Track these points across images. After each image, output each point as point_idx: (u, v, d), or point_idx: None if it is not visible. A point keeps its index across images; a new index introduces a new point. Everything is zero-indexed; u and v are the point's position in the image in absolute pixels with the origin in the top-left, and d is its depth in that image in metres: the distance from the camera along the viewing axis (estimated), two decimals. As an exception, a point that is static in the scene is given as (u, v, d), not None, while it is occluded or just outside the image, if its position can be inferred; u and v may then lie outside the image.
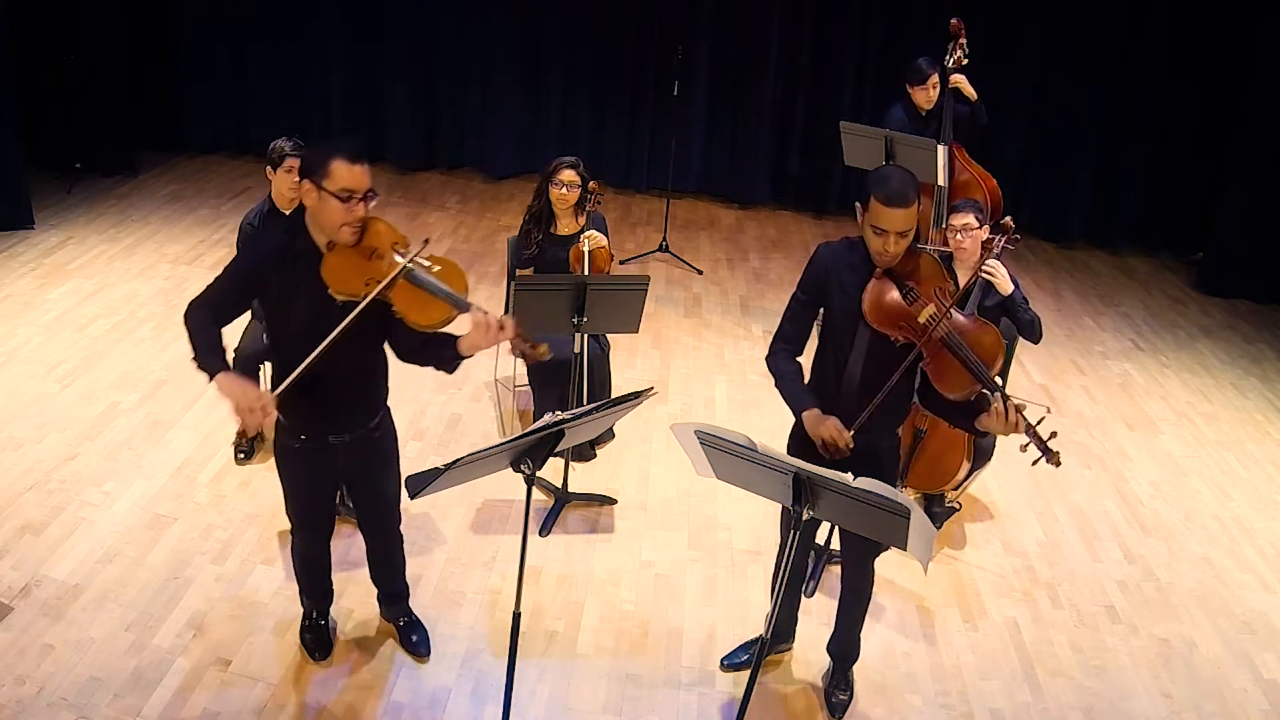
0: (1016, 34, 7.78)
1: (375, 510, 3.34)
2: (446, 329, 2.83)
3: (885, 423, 3.08)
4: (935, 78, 5.30)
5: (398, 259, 2.80)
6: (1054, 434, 2.87)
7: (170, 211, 7.36)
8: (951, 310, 2.90)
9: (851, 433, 2.97)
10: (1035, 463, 2.88)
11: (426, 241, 2.86)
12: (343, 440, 3.07)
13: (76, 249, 6.54)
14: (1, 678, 3.23)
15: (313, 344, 2.76)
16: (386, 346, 3.08)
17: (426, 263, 2.84)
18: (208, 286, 2.89)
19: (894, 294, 2.91)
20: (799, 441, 3.14)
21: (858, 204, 2.93)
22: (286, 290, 2.84)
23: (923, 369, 2.95)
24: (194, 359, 2.79)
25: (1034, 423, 2.84)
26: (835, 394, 3.03)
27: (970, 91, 5.23)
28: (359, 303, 2.77)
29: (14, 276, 6.07)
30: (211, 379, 2.74)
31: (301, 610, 3.53)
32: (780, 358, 3.18)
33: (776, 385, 3.17)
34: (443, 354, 2.92)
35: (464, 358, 2.91)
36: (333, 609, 3.58)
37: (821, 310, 3.13)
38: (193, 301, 2.87)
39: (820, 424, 2.97)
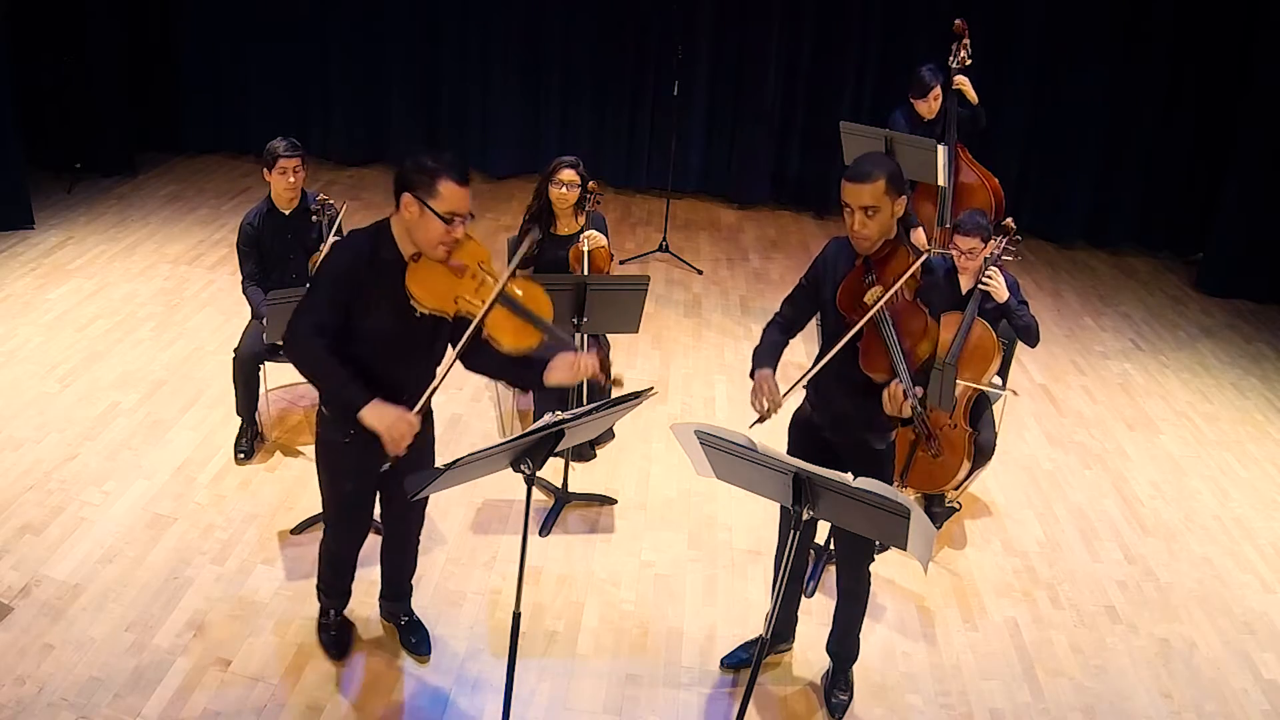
0: (1017, 34, 7.78)
1: (405, 504, 3.28)
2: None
3: (872, 419, 3.07)
4: (938, 90, 5.31)
5: (485, 279, 2.83)
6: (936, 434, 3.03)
7: (170, 211, 7.37)
8: (895, 291, 2.93)
9: (834, 428, 3.13)
10: (914, 441, 3.07)
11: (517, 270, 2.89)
12: None
13: (76, 249, 6.54)
14: (1, 678, 3.23)
15: (388, 355, 2.82)
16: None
17: (519, 290, 2.87)
18: (301, 311, 2.84)
19: (858, 279, 3.01)
20: (798, 429, 3.27)
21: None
22: (369, 298, 2.82)
23: (857, 346, 3.02)
24: (324, 397, 2.77)
25: (924, 412, 3.02)
26: (816, 385, 3.15)
27: (973, 95, 5.23)
28: (442, 316, 2.83)
29: (14, 276, 6.07)
30: (358, 411, 2.74)
31: (318, 608, 3.52)
32: (771, 328, 3.30)
33: (755, 348, 3.28)
34: (525, 375, 2.98)
35: (545, 386, 2.93)
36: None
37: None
38: (294, 331, 2.81)
39: (765, 383, 3.08)
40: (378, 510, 3.41)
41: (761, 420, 3.03)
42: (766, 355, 3.21)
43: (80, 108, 7.58)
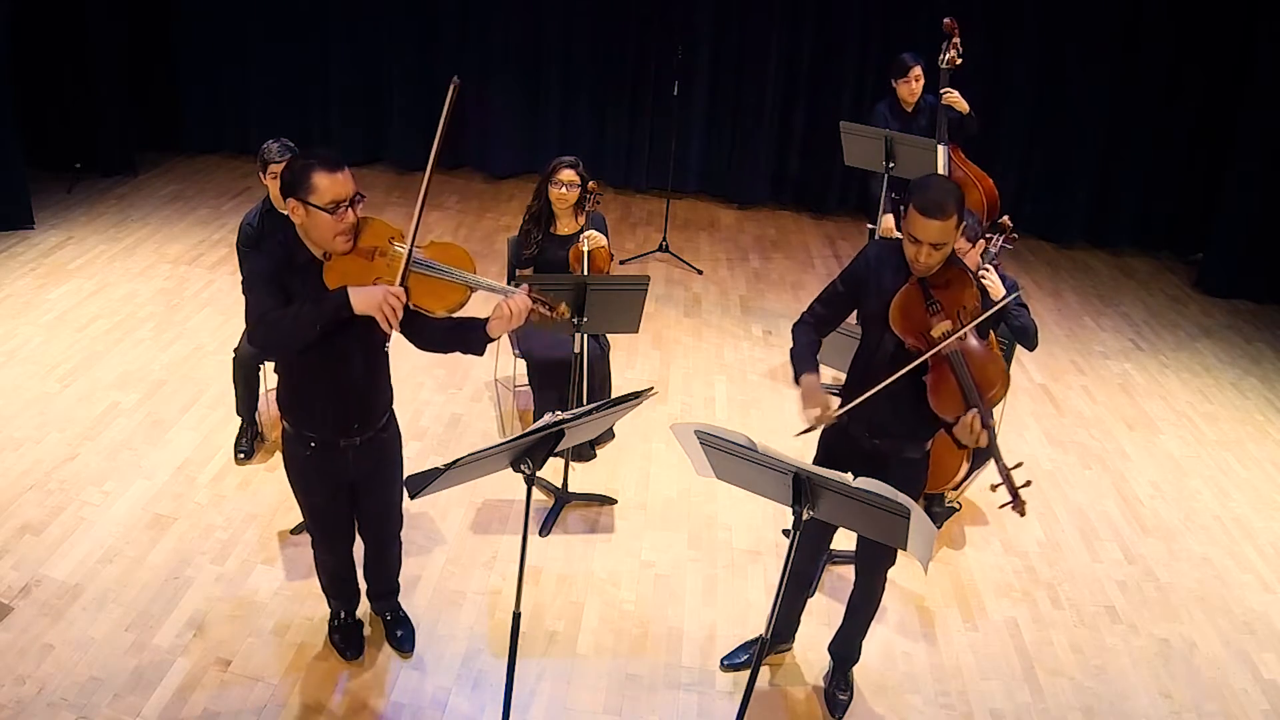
0: (1017, 33, 7.78)
1: (377, 511, 3.33)
2: (462, 311, 2.84)
3: (912, 431, 3.06)
4: (918, 70, 5.31)
5: (398, 251, 2.78)
6: (1028, 483, 2.89)
7: (170, 211, 7.37)
8: (966, 332, 2.87)
9: (872, 437, 3.02)
10: (1001, 506, 2.89)
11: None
12: (353, 443, 3.06)
13: (76, 249, 6.54)
14: (1, 678, 3.24)
15: (323, 354, 2.78)
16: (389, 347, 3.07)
17: (433, 252, 2.84)
18: (250, 310, 2.84)
19: (919, 303, 2.91)
20: (831, 436, 3.20)
21: (903, 206, 2.93)
22: (293, 301, 2.79)
23: (923, 380, 2.93)
24: (310, 327, 2.72)
25: (1009, 465, 2.87)
26: (861, 392, 3.01)
27: (963, 105, 5.22)
28: None
29: (14, 276, 6.07)
30: (347, 306, 2.69)
31: (329, 611, 3.53)
32: (803, 328, 3.18)
33: (790, 350, 3.18)
34: (469, 337, 2.93)
35: (492, 339, 2.91)
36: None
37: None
38: (252, 331, 2.83)
39: (814, 392, 2.97)
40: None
41: (810, 430, 2.95)
42: (808, 359, 3.09)
43: (80, 108, 7.58)
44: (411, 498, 2.63)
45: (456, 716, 3.29)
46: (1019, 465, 2.92)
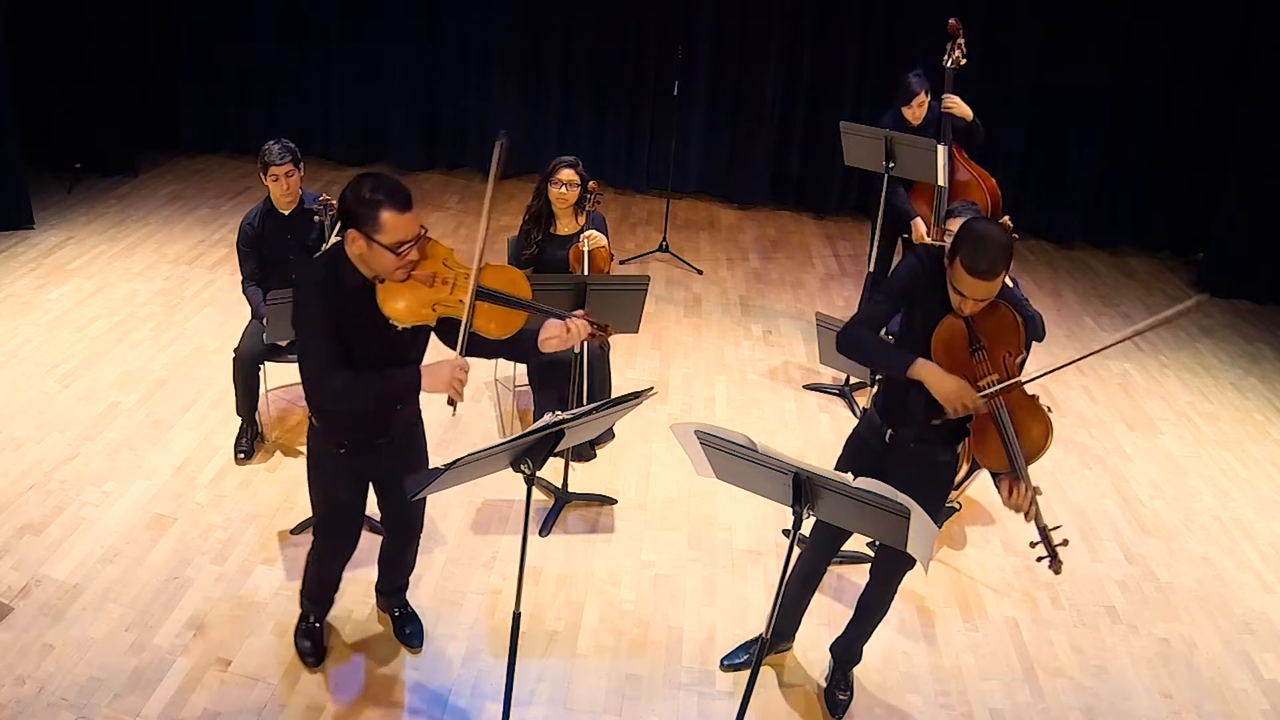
0: (1017, 33, 7.78)
1: (403, 506, 3.28)
2: None
3: (948, 437, 3.04)
4: (922, 96, 5.28)
5: (458, 279, 2.78)
6: (1065, 542, 2.85)
7: (170, 211, 7.37)
8: (1010, 386, 2.82)
9: (911, 445, 2.99)
10: (1039, 560, 2.86)
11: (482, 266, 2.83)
12: (388, 440, 3.05)
13: (76, 249, 6.54)
14: (1, 678, 3.23)
15: (375, 367, 2.77)
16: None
17: (494, 279, 2.85)
18: (307, 363, 2.80)
19: (963, 344, 2.85)
20: (858, 441, 3.18)
21: (949, 256, 2.79)
22: (348, 326, 2.76)
23: (966, 427, 2.90)
24: (385, 398, 2.78)
25: (1048, 526, 2.84)
26: (903, 400, 2.97)
27: (965, 111, 5.19)
28: (426, 326, 2.82)
29: (14, 276, 6.07)
30: (419, 387, 2.75)
31: (300, 612, 3.51)
32: (861, 328, 3.04)
33: (859, 352, 3.06)
34: (519, 349, 2.96)
35: (544, 354, 2.92)
36: (333, 609, 3.58)
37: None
38: (319, 387, 2.81)
39: (947, 377, 2.82)
40: (375, 512, 3.40)
41: (948, 419, 2.85)
42: (904, 350, 2.94)
43: (80, 108, 7.58)
44: (411, 498, 2.63)
45: (456, 716, 3.29)
46: (1058, 527, 2.89)
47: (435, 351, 2.96)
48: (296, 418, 4.87)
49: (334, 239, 4.16)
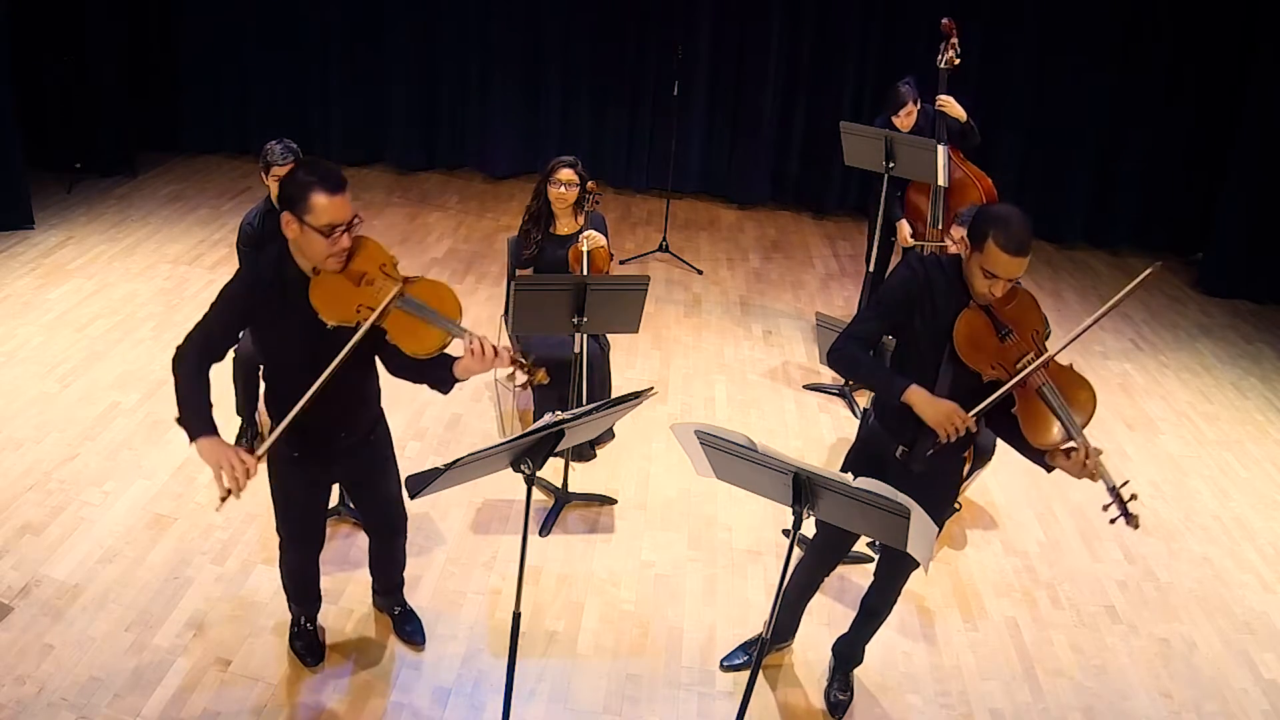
0: (1017, 33, 7.78)
1: (377, 509, 3.32)
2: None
3: (956, 448, 3.01)
4: (911, 105, 5.26)
5: (386, 282, 2.72)
6: (1134, 496, 2.78)
7: (170, 211, 7.37)
8: (1048, 359, 2.80)
9: (929, 453, 2.91)
10: (1113, 521, 2.79)
11: (406, 279, 2.76)
12: (340, 447, 3.05)
13: (76, 249, 6.54)
14: (1, 678, 3.23)
15: (306, 371, 2.70)
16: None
17: (420, 290, 2.75)
18: (196, 326, 2.79)
19: (989, 332, 2.81)
20: (864, 446, 3.14)
21: (963, 235, 2.77)
22: (277, 318, 2.77)
23: (1013, 413, 2.83)
24: (178, 415, 2.73)
25: (1117, 484, 2.77)
26: (912, 416, 2.86)
27: (959, 112, 5.17)
28: (351, 328, 2.70)
29: (14, 276, 6.07)
30: (192, 441, 2.69)
31: (290, 616, 3.51)
32: (854, 345, 2.96)
33: (853, 371, 3.01)
34: (438, 374, 2.85)
35: (458, 380, 2.85)
36: (333, 609, 3.58)
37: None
38: (180, 347, 2.78)
39: (938, 402, 2.80)
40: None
41: (940, 445, 2.81)
42: (897, 374, 2.89)
43: (80, 108, 7.58)
44: (411, 498, 2.62)
45: (456, 716, 3.29)
46: (1126, 483, 2.81)
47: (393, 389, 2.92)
48: (296, 418, 4.87)
49: None
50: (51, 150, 7.55)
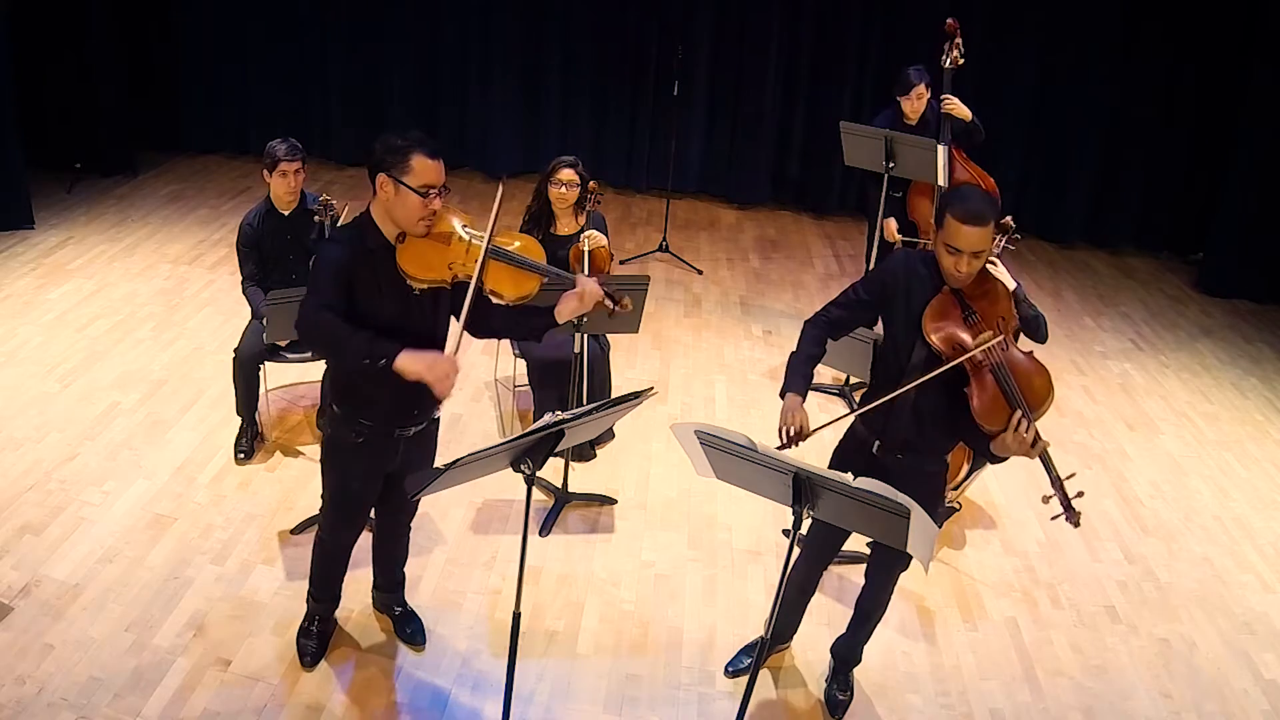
0: (1017, 34, 7.78)
1: (401, 500, 3.27)
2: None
3: (934, 446, 3.04)
4: (921, 88, 5.27)
5: (473, 240, 2.88)
6: (1080, 493, 2.81)
7: (170, 211, 7.37)
8: (1008, 343, 2.84)
9: (899, 456, 2.98)
10: (1054, 518, 2.84)
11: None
12: (406, 434, 3.07)
13: (76, 249, 6.54)
14: (1, 678, 3.23)
15: (397, 338, 2.76)
16: None
17: (509, 241, 2.97)
18: (307, 298, 2.80)
19: (955, 312, 2.87)
20: (848, 444, 3.19)
21: (938, 218, 2.85)
22: (365, 286, 2.83)
23: (963, 391, 2.86)
24: (355, 357, 2.73)
25: (1062, 475, 2.79)
26: (888, 410, 2.94)
27: (964, 112, 5.18)
28: (439, 288, 2.88)
29: (14, 276, 6.07)
30: (392, 361, 2.72)
31: (305, 610, 3.50)
32: (815, 328, 3.11)
33: (791, 353, 3.10)
34: (534, 323, 3.04)
35: (558, 324, 3.01)
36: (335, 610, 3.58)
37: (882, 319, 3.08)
38: (303, 315, 2.78)
39: (793, 411, 2.90)
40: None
41: (784, 448, 2.87)
42: (800, 376, 3.00)
43: (80, 108, 7.58)
44: (411, 498, 2.63)
45: (456, 716, 3.29)
46: (1072, 475, 2.84)
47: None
48: (296, 418, 4.87)
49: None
50: (51, 150, 7.56)
